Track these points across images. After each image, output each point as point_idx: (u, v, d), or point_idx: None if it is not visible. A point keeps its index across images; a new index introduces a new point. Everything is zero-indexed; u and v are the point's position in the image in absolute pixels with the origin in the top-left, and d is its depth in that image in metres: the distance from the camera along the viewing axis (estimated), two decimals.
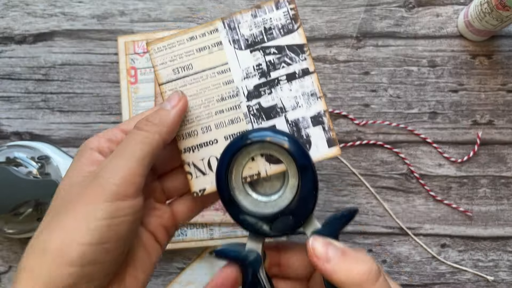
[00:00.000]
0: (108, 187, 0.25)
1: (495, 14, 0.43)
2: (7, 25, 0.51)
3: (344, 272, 0.26)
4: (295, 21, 0.32)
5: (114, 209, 0.25)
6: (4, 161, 0.44)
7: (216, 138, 0.31)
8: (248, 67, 0.31)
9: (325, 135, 0.31)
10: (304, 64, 0.31)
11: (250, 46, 0.31)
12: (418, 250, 0.48)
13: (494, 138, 0.49)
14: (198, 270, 0.48)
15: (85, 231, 0.24)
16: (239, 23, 0.31)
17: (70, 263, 0.23)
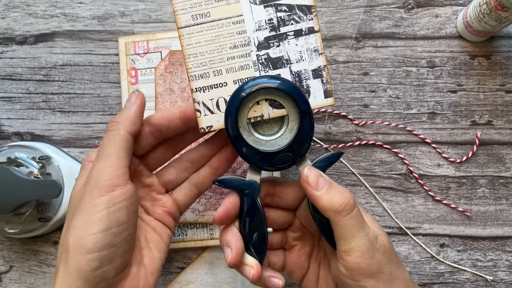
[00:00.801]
0: (99, 184, 0.30)
1: (494, 15, 0.43)
2: (8, 26, 0.51)
3: (327, 200, 0.32)
4: None
5: (109, 199, 0.30)
6: (5, 161, 0.44)
7: (226, 81, 0.35)
8: (261, 21, 0.34)
9: (323, 87, 0.35)
10: (310, 23, 0.35)
11: (264, 1, 0.34)
12: (417, 250, 0.48)
13: (493, 138, 0.49)
14: (198, 270, 0.48)
15: (91, 224, 0.29)
16: None
17: (87, 251, 0.29)
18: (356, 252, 0.32)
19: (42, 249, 0.49)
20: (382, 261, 0.33)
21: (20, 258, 0.49)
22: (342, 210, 0.32)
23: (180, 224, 0.47)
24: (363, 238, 0.32)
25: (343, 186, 0.48)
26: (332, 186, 0.33)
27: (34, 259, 0.49)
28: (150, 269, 0.33)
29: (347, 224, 0.32)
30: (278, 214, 0.39)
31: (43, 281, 0.49)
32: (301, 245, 0.40)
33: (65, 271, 0.29)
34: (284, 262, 0.40)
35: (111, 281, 0.30)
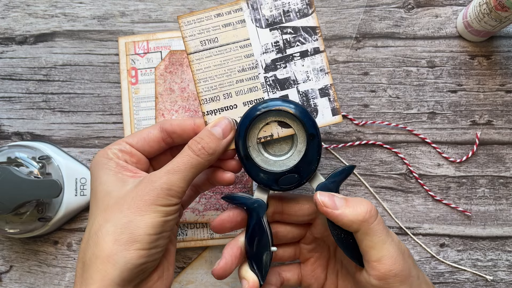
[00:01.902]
0: (164, 197, 0.32)
1: (494, 14, 0.43)
2: (8, 26, 0.51)
3: (350, 214, 0.32)
4: (310, 6, 0.36)
5: (168, 210, 0.32)
6: (5, 161, 0.44)
7: (236, 104, 0.36)
8: (267, 44, 0.36)
9: (330, 105, 0.36)
10: (316, 44, 0.36)
11: (270, 25, 0.36)
12: (417, 250, 0.48)
13: (492, 138, 0.49)
14: (198, 269, 0.48)
15: (150, 225, 0.31)
16: (261, 5, 0.35)
17: (141, 247, 0.30)
18: (388, 259, 0.32)
19: (42, 249, 0.49)
20: (411, 265, 0.33)
21: (20, 258, 0.49)
22: (369, 217, 0.32)
23: (180, 224, 0.47)
24: (392, 243, 0.32)
25: (343, 186, 0.49)
26: (349, 200, 0.33)
27: (34, 259, 0.49)
28: (168, 259, 0.35)
29: (377, 230, 0.32)
30: (287, 229, 0.39)
31: (43, 281, 0.49)
32: (316, 257, 0.40)
33: (112, 264, 0.30)
34: (300, 276, 0.40)
35: (147, 274, 0.33)
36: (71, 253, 0.49)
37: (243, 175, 0.47)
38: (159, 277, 0.34)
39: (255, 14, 0.35)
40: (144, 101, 0.48)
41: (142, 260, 0.31)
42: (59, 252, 0.49)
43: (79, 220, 0.49)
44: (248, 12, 0.35)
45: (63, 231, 0.49)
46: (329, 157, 0.49)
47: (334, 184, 0.36)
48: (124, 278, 0.30)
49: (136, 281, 0.32)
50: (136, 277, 0.31)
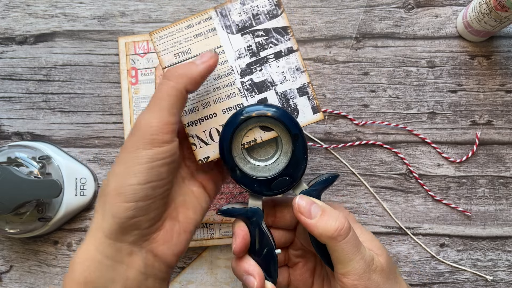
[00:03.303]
0: (146, 136, 0.30)
1: (494, 15, 0.43)
2: (8, 26, 0.51)
3: (321, 228, 0.32)
4: (278, 7, 0.35)
5: (153, 154, 0.30)
6: (5, 161, 0.44)
7: (215, 112, 0.35)
8: (240, 49, 0.35)
9: (310, 103, 0.36)
10: (288, 43, 0.35)
11: (240, 30, 0.35)
12: (417, 250, 0.48)
13: (492, 138, 0.49)
14: (198, 269, 0.49)
15: (133, 174, 0.30)
16: (230, 11, 0.35)
17: (125, 200, 0.29)
18: (353, 275, 0.32)
19: (42, 249, 0.49)
20: (380, 282, 0.33)
21: (20, 258, 0.49)
22: (337, 235, 0.32)
23: None
24: (359, 261, 0.32)
25: (343, 186, 0.49)
26: (325, 212, 0.33)
27: (34, 259, 0.49)
28: (184, 226, 0.34)
29: (343, 249, 0.32)
30: (279, 234, 0.39)
31: (43, 281, 0.49)
32: (303, 262, 0.40)
33: (102, 215, 0.30)
34: (289, 279, 0.40)
35: (144, 232, 0.31)
36: (71, 253, 0.49)
37: None
38: (165, 241, 0.32)
39: (225, 21, 0.35)
40: (144, 101, 0.48)
41: (129, 213, 0.30)
42: (59, 252, 0.49)
43: (79, 220, 0.50)
44: (217, 20, 0.35)
45: (63, 231, 0.49)
46: (329, 157, 0.49)
47: (316, 192, 0.35)
48: (113, 231, 0.30)
49: (131, 237, 0.30)
50: (129, 231, 0.30)
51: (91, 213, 0.49)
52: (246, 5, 0.35)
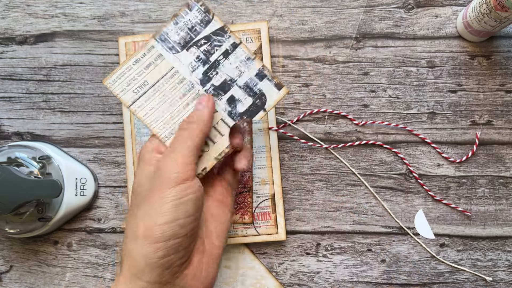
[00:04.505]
0: (170, 176, 0.32)
1: (494, 15, 0.43)
2: (8, 26, 0.51)
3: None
4: (208, 13, 0.38)
5: (178, 191, 0.32)
6: (5, 161, 0.44)
7: None
8: (191, 62, 0.38)
9: (271, 83, 0.38)
10: (230, 40, 0.38)
11: (184, 46, 0.38)
12: (417, 250, 0.48)
13: (492, 138, 0.49)
14: None
15: (161, 214, 0.31)
16: (168, 34, 0.38)
17: (155, 240, 0.31)
18: None
19: (42, 249, 0.49)
20: None
21: (20, 258, 0.49)
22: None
23: None
24: None
25: (343, 186, 0.49)
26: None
27: (34, 259, 0.49)
28: (211, 255, 0.35)
29: None
30: None
31: (43, 281, 0.49)
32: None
33: (132, 258, 0.31)
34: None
35: (175, 269, 0.32)
36: (71, 253, 0.49)
37: (243, 175, 0.47)
38: (195, 276, 0.33)
39: (167, 44, 0.37)
40: None
41: (159, 253, 0.31)
42: (59, 252, 0.49)
43: (79, 220, 0.50)
44: (160, 46, 0.37)
45: (63, 231, 0.49)
46: (329, 157, 0.49)
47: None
48: (146, 273, 0.31)
49: (163, 277, 0.31)
50: (160, 272, 0.31)
51: (91, 213, 0.49)
52: (179, 23, 0.37)
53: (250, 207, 0.47)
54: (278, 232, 0.47)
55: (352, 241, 0.48)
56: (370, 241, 0.48)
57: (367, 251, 0.48)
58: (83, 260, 0.49)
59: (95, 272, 0.49)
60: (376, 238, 0.48)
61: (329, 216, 0.49)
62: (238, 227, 0.47)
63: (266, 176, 0.48)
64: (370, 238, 0.48)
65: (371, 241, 0.48)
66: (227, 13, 0.50)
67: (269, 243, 0.49)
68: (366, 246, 0.48)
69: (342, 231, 0.49)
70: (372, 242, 0.48)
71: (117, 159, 0.50)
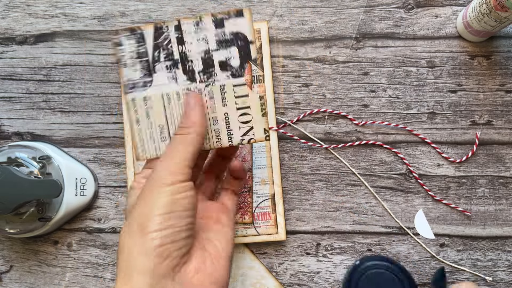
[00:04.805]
0: (165, 176, 0.32)
1: (493, 15, 0.43)
2: (8, 26, 0.51)
3: None
4: (135, 31, 0.36)
5: (174, 189, 0.31)
6: (5, 161, 0.44)
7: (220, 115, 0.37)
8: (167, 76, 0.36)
9: (232, 18, 0.36)
10: (171, 28, 0.36)
11: (150, 72, 0.36)
12: (417, 250, 0.48)
13: (492, 138, 0.49)
14: None
15: (157, 207, 0.31)
16: (129, 78, 0.36)
17: (151, 230, 0.30)
18: None
19: (42, 249, 0.49)
20: None
21: (20, 258, 0.49)
22: None
23: None
24: None
25: (343, 186, 0.49)
26: None
27: (34, 259, 0.49)
28: (215, 256, 0.34)
29: None
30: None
31: (43, 281, 0.49)
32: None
33: (127, 252, 0.30)
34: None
35: (174, 262, 0.31)
36: (71, 253, 0.49)
37: None
38: (199, 270, 0.32)
39: (138, 85, 0.36)
40: None
41: (156, 242, 0.30)
42: (59, 252, 0.49)
43: (79, 220, 0.50)
44: (135, 93, 0.36)
45: (63, 231, 0.49)
46: (329, 157, 0.49)
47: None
48: (146, 267, 0.30)
49: (164, 268, 0.30)
50: (161, 262, 0.30)
51: (91, 213, 0.49)
52: (127, 62, 0.36)
53: (250, 207, 0.47)
54: (278, 232, 0.47)
55: (352, 241, 0.48)
56: (370, 241, 0.48)
57: (367, 251, 0.48)
58: (83, 260, 0.49)
59: (95, 272, 0.49)
60: (376, 238, 0.48)
61: (329, 216, 0.49)
62: (238, 227, 0.47)
63: (266, 176, 0.48)
64: (370, 238, 0.48)
65: (371, 241, 0.48)
66: None
67: (269, 243, 0.49)
68: (366, 246, 0.48)
69: (342, 231, 0.49)
70: (372, 242, 0.48)
71: (117, 159, 0.50)
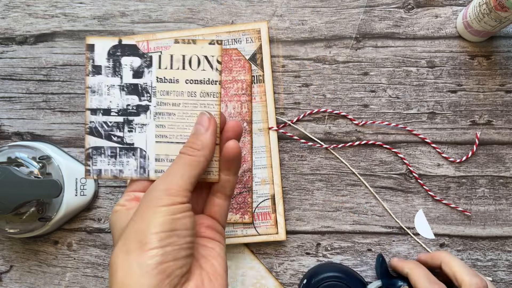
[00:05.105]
0: (164, 198, 0.30)
1: (493, 15, 0.43)
2: (8, 26, 0.51)
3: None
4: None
5: (173, 209, 0.30)
6: (5, 161, 0.44)
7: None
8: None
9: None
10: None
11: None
12: (417, 250, 0.48)
13: (492, 138, 0.49)
14: None
15: (156, 224, 0.29)
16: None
17: (151, 247, 0.28)
18: None
19: (42, 249, 0.49)
20: None
21: (20, 258, 0.49)
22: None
23: None
24: None
25: (343, 186, 0.49)
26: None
27: (34, 259, 0.49)
28: (212, 274, 0.33)
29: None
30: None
31: (43, 281, 0.49)
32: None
33: (124, 271, 0.28)
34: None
35: (175, 281, 0.29)
36: (71, 253, 0.49)
37: (243, 175, 0.47)
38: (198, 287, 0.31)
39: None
40: None
41: (157, 259, 0.28)
42: (59, 252, 0.49)
43: (79, 220, 0.50)
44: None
45: (63, 231, 0.49)
46: (329, 157, 0.49)
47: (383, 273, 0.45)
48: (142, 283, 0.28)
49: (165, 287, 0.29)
50: (160, 281, 0.28)
51: (91, 213, 0.49)
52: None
53: (250, 207, 0.47)
54: (278, 232, 0.47)
55: (352, 241, 0.48)
56: (370, 241, 0.48)
57: (367, 251, 0.48)
58: (83, 260, 0.49)
59: (95, 272, 0.49)
60: (376, 238, 0.48)
61: (329, 216, 0.49)
62: (238, 227, 0.47)
63: (266, 176, 0.48)
64: (370, 238, 0.48)
65: (371, 241, 0.48)
66: (227, 13, 0.50)
67: (269, 243, 0.49)
68: (366, 246, 0.48)
69: (342, 231, 0.49)
70: (372, 242, 0.48)
71: None
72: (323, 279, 0.44)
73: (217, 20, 0.50)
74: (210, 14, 0.50)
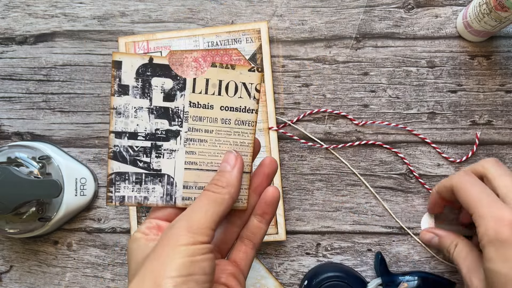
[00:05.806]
0: (185, 236, 0.29)
1: (494, 15, 0.43)
2: (8, 26, 0.51)
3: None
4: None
5: (193, 249, 0.28)
6: (5, 161, 0.44)
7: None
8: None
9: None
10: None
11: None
12: (417, 250, 0.48)
13: (492, 138, 0.49)
14: None
15: (174, 268, 0.27)
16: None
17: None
18: None
19: (42, 249, 0.49)
20: None
21: (20, 258, 0.49)
22: None
23: None
24: None
25: (343, 186, 0.49)
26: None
27: (34, 259, 0.49)
28: None
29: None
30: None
31: (43, 281, 0.49)
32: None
33: None
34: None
35: None
36: (71, 253, 0.49)
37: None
38: None
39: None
40: None
41: None
42: (59, 252, 0.49)
43: (79, 220, 0.50)
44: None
45: (63, 231, 0.49)
46: (329, 157, 0.49)
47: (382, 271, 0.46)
48: None
49: None
50: None
51: (91, 213, 0.49)
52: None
53: None
54: (278, 232, 0.47)
55: (352, 241, 0.48)
56: (370, 241, 0.48)
57: (367, 251, 0.48)
58: (83, 260, 0.49)
59: (95, 272, 0.49)
60: (376, 238, 0.48)
61: (329, 216, 0.49)
62: None
63: None
64: (370, 238, 0.48)
65: (371, 241, 0.48)
66: (227, 13, 0.50)
67: (269, 243, 0.49)
68: (366, 246, 0.48)
69: (342, 231, 0.49)
70: (372, 242, 0.48)
71: None
72: (324, 279, 0.44)
73: (217, 20, 0.50)
74: (210, 14, 0.50)
